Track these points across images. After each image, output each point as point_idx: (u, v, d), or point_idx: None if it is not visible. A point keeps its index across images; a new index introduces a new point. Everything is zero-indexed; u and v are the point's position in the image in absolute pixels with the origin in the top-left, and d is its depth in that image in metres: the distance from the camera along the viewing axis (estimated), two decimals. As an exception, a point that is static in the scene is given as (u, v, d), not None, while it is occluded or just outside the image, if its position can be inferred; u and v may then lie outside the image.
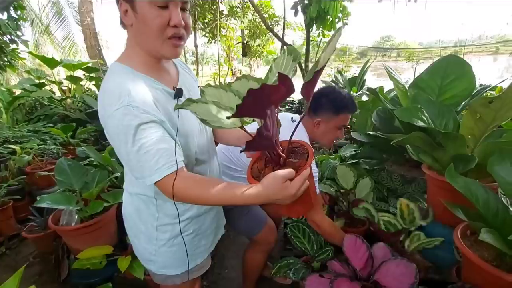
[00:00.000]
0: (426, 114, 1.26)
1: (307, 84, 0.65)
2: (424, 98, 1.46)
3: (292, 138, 0.92)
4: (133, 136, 0.69)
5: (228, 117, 0.66)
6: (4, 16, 5.24)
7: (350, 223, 1.66)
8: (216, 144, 1.12)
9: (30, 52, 4.43)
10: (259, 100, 0.57)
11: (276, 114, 0.71)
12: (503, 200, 0.99)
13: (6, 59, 5.82)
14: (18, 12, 5.46)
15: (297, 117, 1.40)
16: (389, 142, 1.44)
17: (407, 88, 1.84)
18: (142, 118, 0.69)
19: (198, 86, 0.77)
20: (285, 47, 4.46)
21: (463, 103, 1.69)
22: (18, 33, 5.50)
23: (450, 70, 1.65)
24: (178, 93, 0.81)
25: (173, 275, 0.96)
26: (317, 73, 0.65)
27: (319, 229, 1.26)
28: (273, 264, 1.35)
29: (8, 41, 5.58)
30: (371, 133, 1.73)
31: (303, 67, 4.54)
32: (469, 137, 1.22)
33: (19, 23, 5.53)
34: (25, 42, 5.71)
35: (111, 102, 0.70)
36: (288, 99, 5.03)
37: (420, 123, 1.20)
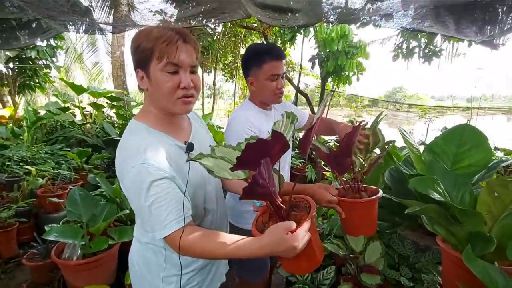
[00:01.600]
0: (441, 186, 1.25)
1: (303, 141, 0.78)
2: (440, 167, 1.45)
3: (243, 108, 1.24)
4: (146, 191, 0.74)
5: (230, 169, 0.69)
6: (44, 43, 5.73)
7: (358, 289, 1.58)
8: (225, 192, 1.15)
9: (61, 78, 4.75)
10: (256, 154, 0.63)
11: (271, 169, 0.73)
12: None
13: (37, 81, 6.25)
14: (57, 41, 5.97)
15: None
16: (402, 205, 1.42)
17: (421, 152, 1.86)
18: (156, 175, 0.75)
19: (210, 146, 0.82)
20: (296, 93, 4.63)
21: (479, 174, 1.67)
22: (54, 59, 5.98)
23: (465, 139, 1.66)
24: (189, 147, 0.86)
25: None
26: (309, 130, 0.77)
27: None
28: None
29: (42, 65, 6.03)
30: (384, 195, 1.70)
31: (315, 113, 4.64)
32: (486, 214, 1.19)
33: (55, 50, 6.02)
34: (58, 68, 6.16)
35: (129, 159, 0.77)
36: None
37: (436, 196, 1.19)
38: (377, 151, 1.24)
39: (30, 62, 5.81)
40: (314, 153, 4.27)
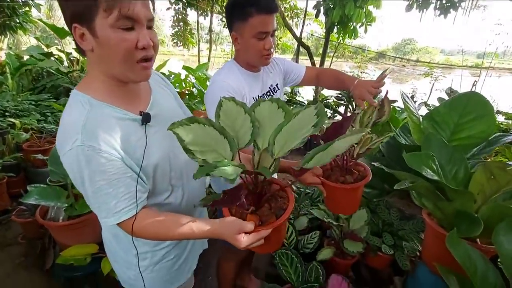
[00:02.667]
0: (436, 162, 1.18)
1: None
2: (437, 140, 1.37)
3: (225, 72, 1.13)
4: (88, 179, 0.64)
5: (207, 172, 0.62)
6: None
7: (339, 253, 1.63)
8: None
9: (40, 20, 4.35)
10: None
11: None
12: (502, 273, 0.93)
13: (18, 20, 5.74)
14: (34, -26, 5.33)
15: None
16: (393, 174, 1.37)
17: (420, 120, 1.76)
18: (99, 159, 0.64)
19: (221, 97, 0.72)
20: (301, 48, 4.30)
21: (478, 147, 1.60)
22: (32, -5, 5.40)
23: (470, 108, 1.56)
24: (145, 119, 0.73)
25: None
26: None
27: None
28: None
29: (21, 3, 5.48)
30: (375, 164, 1.66)
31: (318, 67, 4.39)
32: (478, 193, 1.15)
33: (33, -15, 5.41)
34: (37, 6, 5.60)
35: (64, 140, 0.64)
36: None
37: (429, 173, 1.13)
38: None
39: (7, -1, 5.26)
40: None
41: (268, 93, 1.27)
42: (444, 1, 3.22)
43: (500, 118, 3.66)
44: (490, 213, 1.10)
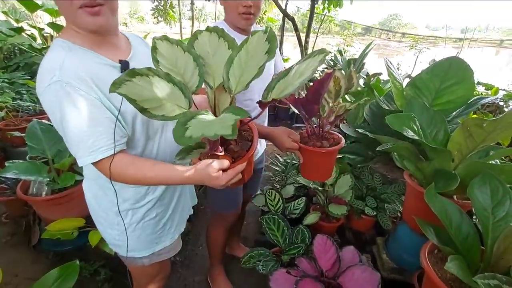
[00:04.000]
0: (417, 123, 1.21)
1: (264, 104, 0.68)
2: (419, 103, 1.40)
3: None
4: (66, 115, 0.66)
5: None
6: None
7: (325, 217, 1.68)
8: None
9: (6, -10, 3.99)
10: None
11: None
12: (476, 224, 0.99)
13: (-19, -7, 5.29)
14: None
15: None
16: (377, 141, 1.40)
17: (403, 86, 1.78)
18: (75, 96, 0.65)
19: (153, 38, 0.71)
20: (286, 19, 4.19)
21: (457, 110, 1.64)
22: (-5, -36, 4.95)
23: (451, 73, 1.58)
24: (124, 66, 0.75)
25: (141, 257, 0.97)
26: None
27: None
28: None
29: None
30: (360, 130, 1.69)
31: (303, 42, 4.32)
32: (456, 152, 1.19)
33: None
34: (2, -23, 5.14)
35: (43, 78, 0.66)
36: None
37: (410, 133, 1.15)
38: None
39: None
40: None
41: None
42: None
43: (481, 89, 3.76)
44: (466, 170, 1.15)
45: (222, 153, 0.71)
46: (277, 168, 2.34)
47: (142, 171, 0.72)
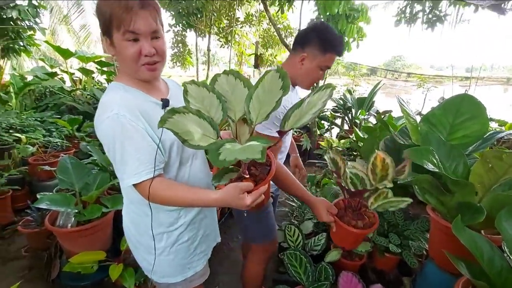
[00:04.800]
0: (436, 156, 1.24)
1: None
2: (435, 137, 1.44)
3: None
4: (119, 141, 0.78)
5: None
6: (25, 2, 5.32)
7: (347, 255, 1.64)
8: None
9: (46, 41, 4.49)
10: None
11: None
12: (507, 258, 0.96)
13: (22, 43, 5.90)
14: (39, 0, 5.55)
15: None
16: (395, 176, 1.42)
17: (417, 122, 1.83)
18: (129, 127, 0.78)
19: (183, 83, 0.83)
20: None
21: (474, 144, 1.67)
22: (37, 20, 5.59)
23: (463, 109, 1.63)
24: (165, 103, 0.87)
25: (174, 283, 1.01)
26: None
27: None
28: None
29: (26, 27, 5.66)
30: (377, 164, 1.70)
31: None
32: (478, 185, 1.19)
33: (38, 10, 5.62)
34: (42, 30, 5.77)
35: (103, 111, 0.79)
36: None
37: (430, 166, 1.18)
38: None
39: (11, 23, 5.43)
40: (309, 122, 4.22)
41: None
42: (430, 15, 3.42)
43: (494, 125, 3.77)
44: (492, 203, 1.15)
45: (247, 176, 0.80)
46: (293, 204, 2.33)
47: (176, 192, 0.81)
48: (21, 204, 2.42)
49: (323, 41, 1.19)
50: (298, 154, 1.81)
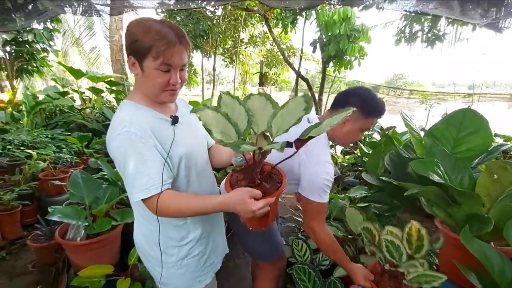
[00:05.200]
0: (441, 168, 1.26)
1: (300, 140, 0.79)
2: (439, 150, 1.46)
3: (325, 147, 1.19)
4: (129, 158, 0.82)
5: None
6: (41, 26, 5.61)
7: (356, 269, 1.61)
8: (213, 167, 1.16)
9: (59, 62, 4.67)
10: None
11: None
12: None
13: (35, 65, 6.16)
14: (54, 24, 5.85)
15: (313, 118, 1.32)
16: (401, 189, 1.43)
17: (422, 136, 1.86)
18: (139, 143, 0.82)
19: (221, 92, 0.87)
20: (299, 79, 4.57)
21: (479, 157, 1.68)
22: (51, 43, 5.87)
23: (466, 123, 1.66)
24: (175, 120, 0.93)
25: None
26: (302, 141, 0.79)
27: (316, 237, 1.24)
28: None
29: (40, 49, 5.93)
30: (383, 178, 1.72)
31: (316, 99, 4.62)
32: (485, 197, 1.20)
33: (52, 34, 5.91)
34: (55, 52, 6.04)
35: (115, 129, 0.85)
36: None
37: (436, 177, 1.20)
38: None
39: (27, 45, 5.71)
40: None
41: None
42: (429, 35, 3.53)
43: (499, 140, 3.77)
44: (499, 214, 1.15)
45: (259, 182, 0.82)
46: (300, 219, 2.32)
47: (181, 201, 0.84)
48: (29, 220, 2.44)
49: (366, 106, 1.22)
50: None
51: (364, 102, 1.22)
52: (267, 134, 0.84)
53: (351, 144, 4.89)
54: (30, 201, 2.44)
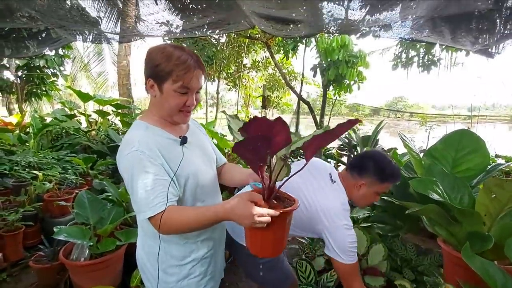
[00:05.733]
0: (441, 187, 1.29)
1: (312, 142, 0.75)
2: (438, 169, 1.50)
3: (330, 196, 1.20)
4: (137, 176, 0.85)
5: (238, 130, 0.72)
6: (52, 52, 5.87)
7: (361, 291, 1.59)
8: (222, 186, 1.17)
9: (68, 87, 4.84)
10: (259, 128, 0.66)
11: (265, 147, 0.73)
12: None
13: (44, 89, 6.38)
14: (65, 50, 6.13)
15: (335, 176, 1.32)
16: (404, 209, 1.45)
17: (421, 156, 1.90)
18: (147, 162, 0.86)
19: (230, 115, 0.93)
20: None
21: (478, 177, 1.71)
22: (61, 68, 6.11)
23: (464, 144, 1.71)
24: (184, 140, 0.97)
25: None
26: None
27: None
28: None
29: (50, 74, 6.17)
30: (385, 198, 1.74)
31: (318, 121, 4.71)
32: (485, 215, 1.22)
33: (63, 59, 6.17)
34: (65, 77, 6.27)
35: (125, 148, 0.89)
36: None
37: (436, 196, 1.22)
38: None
39: (38, 70, 5.94)
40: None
41: None
42: (425, 60, 3.68)
43: (501, 161, 3.79)
44: (500, 233, 1.17)
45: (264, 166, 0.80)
46: (303, 241, 2.30)
47: (184, 211, 0.86)
48: (32, 241, 2.43)
49: (382, 172, 1.23)
50: None
51: (379, 169, 1.24)
52: (284, 157, 0.84)
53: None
54: (34, 222, 2.44)
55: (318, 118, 4.96)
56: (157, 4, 2.35)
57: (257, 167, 0.80)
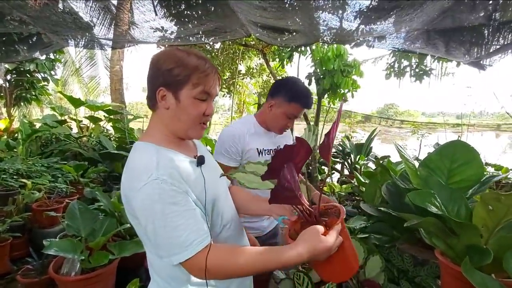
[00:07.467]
0: (438, 199, 1.29)
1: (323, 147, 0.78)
2: (435, 181, 1.51)
3: (240, 122, 1.30)
4: (161, 211, 0.68)
5: (261, 176, 0.71)
6: (43, 56, 5.77)
7: (359, 304, 1.58)
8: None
9: (60, 92, 4.76)
10: (283, 159, 0.67)
11: (294, 172, 0.73)
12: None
13: (34, 93, 6.25)
14: (56, 54, 6.04)
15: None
16: (401, 219, 1.45)
17: (416, 166, 1.91)
18: (171, 192, 0.70)
19: (240, 164, 0.87)
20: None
21: (473, 188, 1.73)
22: (52, 72, 6.01)
23: (458, 155, 1.73)
24: (201, 160, 0.84)
25: None
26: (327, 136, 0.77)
27: None
28: None
29: (40, 78, 6.05)
30: (382, 208, 1.74)
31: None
32: (482, 227, 1.23)
33: (54, 63, 6.07)
34: (56, 81, 6.16)
35: (138, 177, 0.71)
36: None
37: (433, 209, 1.23)
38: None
39: (28, 74, 5.83)
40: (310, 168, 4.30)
41: (271, 150, 1.50)
42: (417, 70, 3.75)
43: (490, 170, 3.87)
44: (498, 246, 1.17)
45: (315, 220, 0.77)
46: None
47: (243, 258, 0.69)
48: (19, 253, 2.35)
49: (289, 91, 1.37)
50: None
51: (287, 89, 1.37)
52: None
53: (347, 173, 4.94)
54: (22, 233, 2.37)
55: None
56: (156, 14, 2.33)
57: (299, 201, 0.75)
